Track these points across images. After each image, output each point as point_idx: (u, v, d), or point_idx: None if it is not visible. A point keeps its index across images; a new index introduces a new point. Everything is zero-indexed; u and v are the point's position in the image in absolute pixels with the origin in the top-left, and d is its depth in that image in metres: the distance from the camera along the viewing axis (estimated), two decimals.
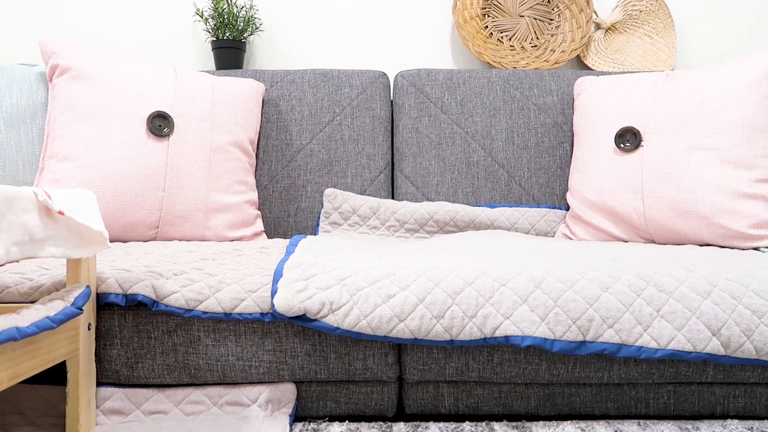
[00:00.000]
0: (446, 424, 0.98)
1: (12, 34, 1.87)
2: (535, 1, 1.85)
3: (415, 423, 0.99)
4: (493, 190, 1.62)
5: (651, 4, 1.87)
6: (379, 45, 1.91)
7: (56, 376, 0.98)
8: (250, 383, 0.99)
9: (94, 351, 0.93)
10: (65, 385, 0.91)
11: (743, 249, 1.27)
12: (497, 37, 1.86)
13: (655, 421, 0.99)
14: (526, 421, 0.99)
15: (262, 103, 1.64)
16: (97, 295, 0.93)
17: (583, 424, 0.98)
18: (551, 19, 1.86)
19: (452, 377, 0.99)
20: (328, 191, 1.57)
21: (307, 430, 0.96)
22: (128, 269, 0.96)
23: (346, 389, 1.01)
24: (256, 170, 1.61)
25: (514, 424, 0.98)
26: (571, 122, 1.65)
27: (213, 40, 1.79)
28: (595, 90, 1.56)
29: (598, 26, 1.89)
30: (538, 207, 1.59)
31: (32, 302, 0.92)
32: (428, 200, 1.61)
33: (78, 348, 0.88)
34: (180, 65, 1.90)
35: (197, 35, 1.90)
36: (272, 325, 0.97)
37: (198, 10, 1.80)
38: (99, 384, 0.97)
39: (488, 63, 1.87)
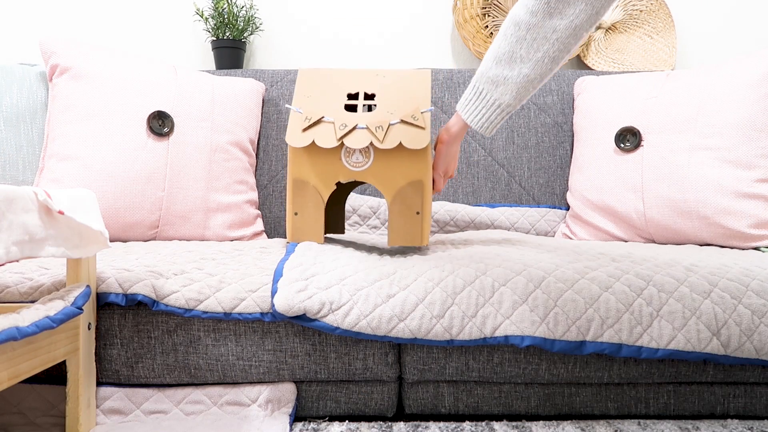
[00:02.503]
0: (446, 423, 0.98)
1: (12, 34, 1.87)
2: None
3: (415, 423, 0.98)
4: (493, 190, 1.62)
5: (651, 3, 1.87)
6: (378, 45, 1.91)
7: (56, 375, 0.98)
8: (250, 383, 0.99)
9: (94, 351, 0.93)
10: (65, 384, 0.91)
11: (743, 249, 1.27)
12: None
13: (655, 421, 0.99)
14: (526, 421, 0.99)
15: (262, 102, 1.64)
16: (97, 294, 0.93)
17: (583, 423, 0.98)
18: None
19: (452, 377, 0.99)
20: None
21: (307, 429, 0.96)
22: (128, 269, 0.96)
23: (346, 389, 1.01)
24: (256, 170, 1.61)
25: (514, 423, 0.98)
26: (572, 122, 1.65)
27: (213, 40, 1.79)
28: (596, 90, 1.56)
29: (598, 26, 1.89)
30: (538, 207, 1.59)
31: (32, 302, 0.92)
32: None
33: (78, 348, 0.88)
34: (180, 65, 1.90)
35: (197, 35, 1.90)
36: (272, 324, 0.97)
37: (198, 9, 1.80)
38: (99, 384, 0.97)
39: None
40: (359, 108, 1.15)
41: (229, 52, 1.78)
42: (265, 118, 1.63)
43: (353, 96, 1.19)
